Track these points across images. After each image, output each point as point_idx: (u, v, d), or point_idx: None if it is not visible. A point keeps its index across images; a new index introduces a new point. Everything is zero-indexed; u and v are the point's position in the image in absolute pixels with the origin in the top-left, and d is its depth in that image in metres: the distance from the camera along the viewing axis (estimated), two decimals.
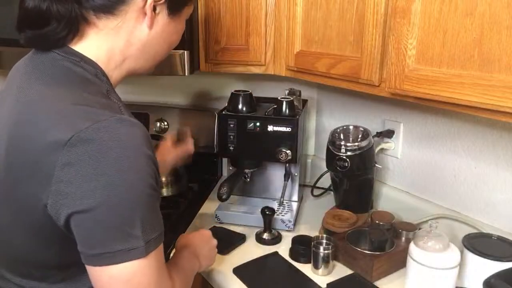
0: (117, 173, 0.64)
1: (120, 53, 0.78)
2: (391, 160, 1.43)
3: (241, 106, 1.33)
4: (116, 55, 0.77)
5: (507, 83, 0.72)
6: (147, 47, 0.80)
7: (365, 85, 1.04)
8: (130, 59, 0.80)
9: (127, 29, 0.76)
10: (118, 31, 0.75)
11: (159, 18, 0.79)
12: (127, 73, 0.82)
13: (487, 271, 0.90)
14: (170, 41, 0.85)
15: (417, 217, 1.29)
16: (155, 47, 0.82)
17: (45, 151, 0.64)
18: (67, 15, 0.70)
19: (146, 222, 0.67)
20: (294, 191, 1.47)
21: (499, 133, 1.12)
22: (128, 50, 0.78)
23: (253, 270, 1.14)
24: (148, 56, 0.82)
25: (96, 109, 0.67)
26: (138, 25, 0.77)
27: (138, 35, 0.78)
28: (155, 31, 0.79)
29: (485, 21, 0.75)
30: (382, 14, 0.96)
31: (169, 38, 0.84)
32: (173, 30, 0.84)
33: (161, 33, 0.80)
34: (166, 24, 0.81)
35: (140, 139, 0.67)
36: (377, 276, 1.09)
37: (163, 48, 0.84)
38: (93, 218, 0.64)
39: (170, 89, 1.84)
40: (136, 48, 0.79)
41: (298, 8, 1.21)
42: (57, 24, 0.70)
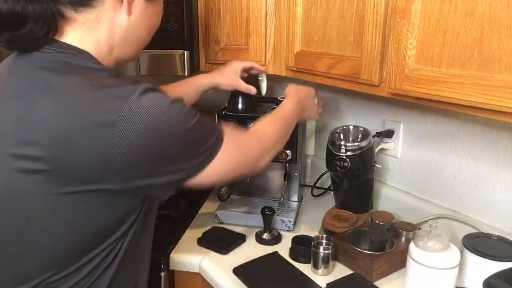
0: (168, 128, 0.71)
1: (106, 44, 0.79)
2: (391, 160, 1.43)
3: (241, 106, 1.33)
4: (103, 46, 0.78)
5: (507, 83, 0.72)
6: (128, 33, 0.81)
7: (365, 85, 1.04)
8: (116, 48, 0.81)
9: (107, 18, 0.77)
10: (99, 22, 0.76)
11: (136, 3, 0.80)
12: (116, 62, 0.83)
13: (487, 271, 0.90)
14: (151, 24, 0.86)
15: (417, 217, 1.29)
16: (137, 32, 0.83)
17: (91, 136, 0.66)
18: (43, 13, 0.70)
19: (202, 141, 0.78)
20: (294, 191, 1.47)
21: (499, 133, 1.12)
22: (112, 40, 0.79)
23: (253, 270, 1.14)
24: (131, 42, 0.83)
25: (119, 87, 0.70)
26: (117, 13, 0.78)
27: (118, 23, 0.79)
28: (134, 16, 0.80)
29: (485, 21, 0.75)
30: (382, 14, 0.96)
31: (149, 22, 0.85)
32: (152, 13, 0.85)
33: (140, 18, 0.81)
34: (144, 8, 0.81)
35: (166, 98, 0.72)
36: (377, 276, 1.09)
37: (145, 32, 0.85)
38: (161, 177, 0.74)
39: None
40: (119, 36, 0.80)
41: (298, 8, 1.21)
42: (34, 24, 0.70)
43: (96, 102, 0.68)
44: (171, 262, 1.22)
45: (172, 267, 1.22)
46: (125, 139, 0.67)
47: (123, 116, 0.66)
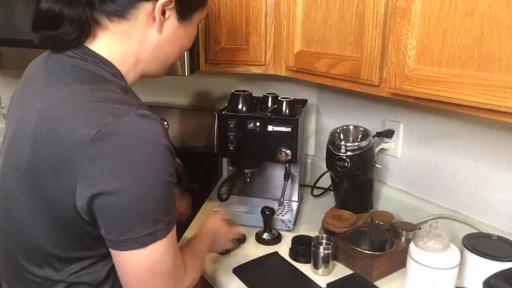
0: (140, 164, 0.69)
1: (133, 56, 0.81)
2: (391, 160, 1.43)
3: (241, 106, 1.33)
4: (130, 57, 0.80)
5: (507, 83, 0.72)
6: (157, 50, 0.83)
7: (365, 85, 1.04)
8: (142, 62, 0.83)
9: (138, 32, 0.79)
10: (130, 35, 0.78)
11: (169, 23, 0.81)
12: (141, 75, 0.85)
13: (487, 271, 0.90)
14: (181, 45, 0.87)
15: (417, 217, 1.29)
16: (166, 50, 0.84)
17: (72, 146, 0.68)
18: (78, 18, 0.73)
19: (166, 205, 0.74)
20: (294, 191, 1.47)
21: (499, 133, 1.12)
22: (140, 53, 0.81)
23: (253, 270, 1.14)
24: (159, 59, 0.85)
25: (118, 105, 0.71)
26: (148, 29, 0.79)
27: (149, 39, 0.80)
28: (165, 35, 0.81)
29: (485, 21, 0.75)
30: (382, 14, 0.96)
31: (180, 42, 0.86)
32: (184, 34, 0.86)
33: (171, 36, 0.83)
34: (175, 28, 0.83)
35: (159, 131, 0.72)
36: (377, 276, 1.09)
37: (174, 51, 0.87)
38: (118, 202, 0.69)
39: (170, 89, 1.84)
40: (148, 51, 0.82)
41: (298, 8, 1.21)
42: (69, 27, 0.73)
43: (89, 113, 0.70)
44: None
45: None
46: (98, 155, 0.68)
47: (103, 132, 0.67)
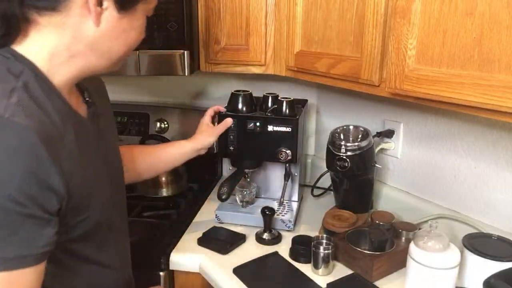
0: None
1: (66, 50, 0.73)
2: (391, 160, 1.43)
3: (241, 106, 1.33)
4: (61, 51, 0.73)
5: (507, 83, 0.72)
6: (96, 44, 0.75)
7: (365, 85, 1.04)
8: (78, 56, 0.75)
9: (72, 25, 0.72)
10: (62, 28, 0.71)
11: (107, 14, 0.73)
12: (80, 71, 0.77)
13: (487, 271, 0.90)
14: (126, 38, 0.78)
15: (417, 217, 1.29)
16: (107, 44, 0.76)
17: None
18: (4, 14, 0.68)
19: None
20: (294, 191, 1.47)
21: (499, 133, 1.12)
22: (74, 47, 0.74)
23: (253, 270, 1.14)
24: (100, 53, 0.77)
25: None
26: (84, 21, 0.72)
27: (84, 32, 0.73)
28: (104, 27, 0.74)
29: (485, 21, 0.75)
30: (382, 14, 0.96)
31: (124, 35, 0.78)
32: (128, 27, 0.77)
33: (112, 29, 0.75)
34: (116, 20, 0.74)
35: (17, 144, 0.62)
36: (377, 276, 1.09)
37: (118, 45, 0.78)
38: None
39: (170, 89, 1.84)
40: (84, 44, 0.74)
41: (298, 8, 1.21)
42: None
43: None
44: (171, 262, 1.22)
45: (172, 267, 1.22)
46: None
47: None
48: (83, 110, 0.83)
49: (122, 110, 1.77)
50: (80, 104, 0.83)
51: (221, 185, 1.32)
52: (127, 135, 1.73)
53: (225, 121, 1.31)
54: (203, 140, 1.28)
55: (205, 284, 1.20)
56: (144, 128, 1.74)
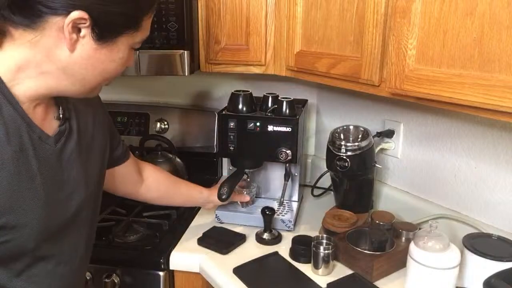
0: None
1: (36, 66, 0.71)
2: (391, 160, 1.43)
3: (241, 106, 1.33)
4: (31, 67, 0.71)
5: (507, 83, 0.72)
6: (69, 69, 0.72)
7: (365, 85, 1.04)
8: (49, 75, 0.72)
9: (45, 45, 0.70)
10: (35, 45, 0.70)
11: (84, 42, 0.70)
12: (50, 90, 0.74)
13: (487, 271, 0.90)
14: (104, 69, 0.75)
15: (417, 217, 1.29)
16: (81, 71, 0.73)
17: None
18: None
19: None
20: (294, 191, 1.47)
21: (499, 133, 1.12)
22: (46, 66, 0.71)
23: (253, 270, 1.14)
24: (73, 79, 0.74)
25: None
26: (59, 44, 0.70)
27: (58, 55, 0.71)
28: (79, 55, 0.71)
29: (485, 21, 0.75)
30: (382, 14, 0.96)
31: (102, 66, 0.74)
32: (106, 58, 0.74)
33: (87, 58, 0.72)
34: (93, 50, 0.71)
35: None
36: (377, 276, 1.09)
37: (93, 75, 0.75)
38: None
39: (170, 89, 1.84)
40: (56, 67, 0.72)
41: (298, 8, 1.21)
42: None
43: None
44: (171, 262, 1.22)
45: (172, 267, 1.22)
46: None
47: None
48: (51, 127, 0.78)
49: (122, 110, 1.77)
50: (48, 120, 0.78)
51: (221, 185, 1.32)
52: (127, 135, 1.73)
53: (244, 197, 1.39)
54: (215, 200, 1.32)
55: (205, 284, 1.20)
56: (144, 128, 1.74)
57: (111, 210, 1.46)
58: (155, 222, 1.38)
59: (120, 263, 1.24)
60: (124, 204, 1.49)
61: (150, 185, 1.21)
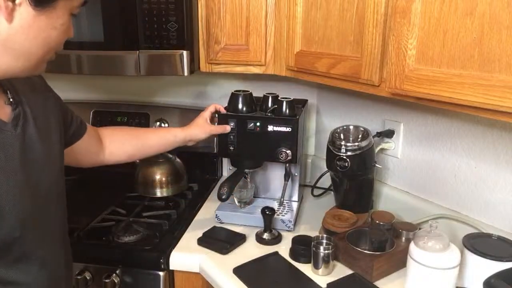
0: None
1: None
2: (391, 160, 1.43)
3: (241, 106, 1.33)
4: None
5: (507, 83, 0.72)
6: (9, 42, 0.69)
7: (365, 85, 1.04)
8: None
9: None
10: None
11: (22, 10, 0.67)
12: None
13: (487, 271, 0.90)
14: (45, 37, 0.72)
15: (417, 217, 1.29)
16: (23, 43, 0.70)
17: None
18: None
19: None
20: (294, 191, 1.47)
21: (499, 133, 1.12)
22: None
23: (253, 270, 1.14)
24: (15, 53, 0.70)
25: None
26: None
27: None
28: (18, 25, 0.67)
29: (485, 21, 0.75)
30: (382, 14, 0.96)
31: (43, 34, 0.71)
32: (46, 26, 0.71)
33: (27, 27, 0.68)
34: (32, 17, 0.68)
35: None
36: (377, 276, 1.09)
37: (36, 45, 0.71)
38: None
39: (170, 89, 1.84)
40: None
41: (298, 8, 1.21)
42: None
43: None
44: (171, 262, 1.22)
45: (172, 267, 1.22)
46: None
47: None
48: (5, 112, 0.77)
49: (122, 110, 1.77)
50: (1, 107, 0.77)
51: (221, 185, 1.32)
52: None
53: (224, 127, 1.31)
54: (195, 134, 1.28)
55: (205, 284, 1.20)
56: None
57: (111, 210, 1.46)
58: (155, 222, 1.38)
59: (120, 263, 1.24)
60: (124, 204, 1.49)
61: (114, 149, 1.17)
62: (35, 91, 0.87)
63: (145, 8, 1.29)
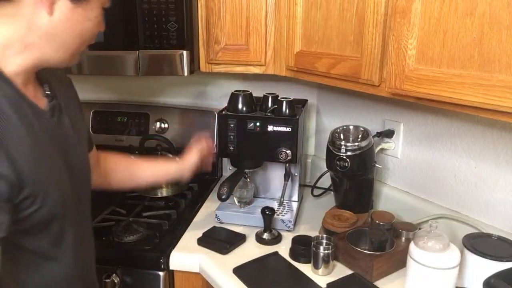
0: None
1: (20, 40, 0.74)
2: (391, 160, 1.43)
3: (241, 106, 1.33)
4: (15, 42, 0.74)
5: (507, 83, 0.72)
6: (51, 35, 0.75)
7: (365, 85, 1.04)
8: (33, 47, 0.75)
9: (25, 15, 0.73)
10: (15, 18, 0.73)
11: (61, 4, 0.74)
12: (35, 62, 0.78)
13: (487, 271, 0.90)
14: (81, 29, 0.79)
15: (417, 217, 1.29)
16: (62, 35, 0.76)
17: None
18: None
19: None
20: (294, 191, 1.47)
21: (499, 133, 1.12)
22: (29, 38, 0.74)
23: (253, 270, 1.14)
24: (55, 45, 0.77)
25: None
26: (37, 11, 0.73)
27: (38, 22, 0.74)
28: (57, 18, 0.74)
29: (485, 21, 0.75)
30: (382, 14, 0.96)
31: (78, 27, 0.78)
32: (82, 18, 0.78)
33: (66, 20, 0.75)
34: (69, 10, 0.75)
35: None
36: (377, 276, 1.09)
37: (72, 37, 0.78)
38: None
39: (170, 89, 1.84)
40: (38, 35, 0.75)
41: (298, 8, 1.21)
42: None
43: None
44: (171, 262, 1.22)
45: (172, 267, 1.22)
46: None
47: None
48: (43, 103, 0.83)
49: (122, 110, 1.77)
50: (39, 97, 0.82)
51: (221, 185, 1.32)
52: (127, 135, 1.74)
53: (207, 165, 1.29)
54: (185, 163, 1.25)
55: (205, 284, 1.20)
56: (144, 128, 1.74)
57: (111, 210, 1.46)
58: (155, 222, 1.38)
59: (120, 263, 1.24)
60: (124, 204, 1.49)
61: (107, 171, 1.17)
62: (66, 89, 0.94)
63: (145, 8, 1.29)
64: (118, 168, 1.21)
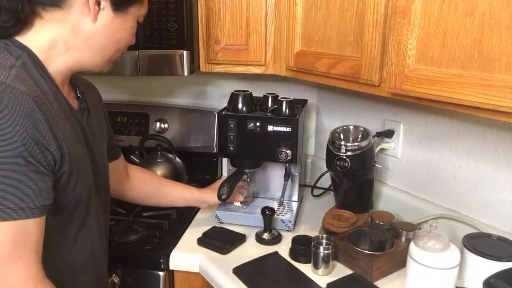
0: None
1: (64, 42, 0.82)
2: (391, 160, 1.43)
3: (241, 106, 1.33)
4: (60, 43, 0.82)
5: (507, 83, 0.72)
6: (91, 39, 0.84)
7: (365, 85, 1.04)
8: (75, 49, 0.84)
9: (72, 20, 0.81)
10: (63, 22, 0.81)
11: (104, 13, 0.84)
12: (75, 64, 0.86)
13: (487, 271, 0.90)
14: (118, 37, 0.88)
15: (417, 217, 1.29)
16: (101, 40, 0.86)
17: None
18: (13, 8, 0.77)
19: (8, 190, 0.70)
20: (294, 191, 1.47)
21: (499, 133, 1.12)
22: (72, 40, 0.83)
23: (253, 270, 1.14)
24: (94, 49, 0.86)
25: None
26: (83, 17, 0.82)
27: (82, 27, 0.82)
28: (99, 24, 0.84)
29: (485, 21, 0.75)
30: (382, 14, 0.96)
31: (116, 34, 0.87)
32: (120, 27, 0.87)
33: (106, 27, 0.85)
34: (111, 19, 0.85)
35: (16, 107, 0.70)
36: (377, 276, 1.09)
37: (110, 43, 0.87)
38: None
39: (170, 89, 1.84)
40: (81, 39, 0.83)
41: (298, 8, 1.21)
42: (5, 15, 0.78)
43: None
44: (171, 262, 1.22)
45: (172, 267, 1.22)
46: None
47: None
48: (75, 104, 0.91)
49: (122, 110, 1.77)
50: (71, 98, 0.90)
51: (221, 185, 1.32)
52: (127, 135, 1.73)
53: (238, 197, 1.38)
54: (210, 197, 1.33)
55: (205, 284, 1.20)
56: (144, 128, 1.74)
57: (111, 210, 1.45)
58: (155, 222, 1.38)
59: (120, 263, 1.24)
60: (124, 204, 1.49)
61: (135, 184, 1.26)
62: (93, 97, 1.03)
63: None
64: (146, 183, 1.29)
